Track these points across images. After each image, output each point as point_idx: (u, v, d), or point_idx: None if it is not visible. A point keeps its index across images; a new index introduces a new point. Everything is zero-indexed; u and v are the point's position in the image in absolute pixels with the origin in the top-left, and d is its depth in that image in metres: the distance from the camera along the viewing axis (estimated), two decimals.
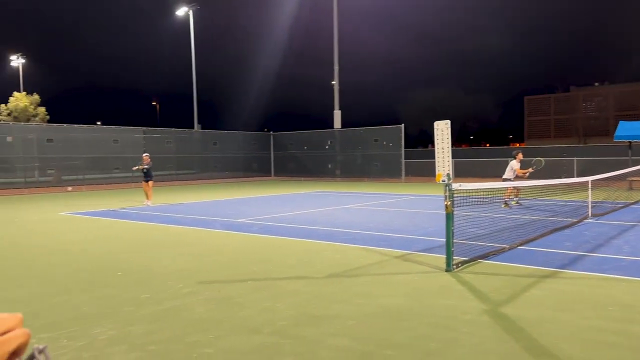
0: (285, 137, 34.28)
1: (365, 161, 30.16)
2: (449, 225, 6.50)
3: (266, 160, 34.14)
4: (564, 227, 9.77)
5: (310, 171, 32.14)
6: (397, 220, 11.58)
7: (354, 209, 14.34)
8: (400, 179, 28.11)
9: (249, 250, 8.21)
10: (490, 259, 7.13)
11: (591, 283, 5.84)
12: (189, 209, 14.87)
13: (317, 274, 6.45)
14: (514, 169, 13.70)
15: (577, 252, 7.50)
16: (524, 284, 5.80)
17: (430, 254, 7.63)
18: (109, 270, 6.89)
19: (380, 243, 8.61)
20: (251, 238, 9.40)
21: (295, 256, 7.58)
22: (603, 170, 15.46)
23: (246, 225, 11.08)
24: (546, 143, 49.30)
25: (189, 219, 12.43)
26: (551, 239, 8.65)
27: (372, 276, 6.33)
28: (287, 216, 12.61)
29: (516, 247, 7.90)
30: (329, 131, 32.03)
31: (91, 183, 25.16)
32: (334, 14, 31.68)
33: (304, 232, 9.90)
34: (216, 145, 31.49)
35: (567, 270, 6.45)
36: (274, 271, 6.63)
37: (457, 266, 6.60)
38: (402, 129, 28.47)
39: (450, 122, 7.24)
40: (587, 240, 8.47)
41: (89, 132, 25.84)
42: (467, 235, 7.79)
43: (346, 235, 9.46)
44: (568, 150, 27.96)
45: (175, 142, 29.35)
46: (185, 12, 37.03)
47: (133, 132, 27.44)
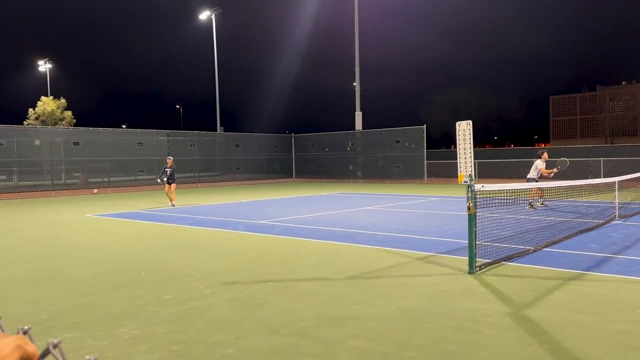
0: (306, 139, 34.36)
1: (387, 163, 30.02)
2: (472, 226, 6.43)
3: (288, 162, 34.28)
4: (590, 228, 9.57)
5: (332, 173, 32.15)
6: (418, 222, 11.50)
7: (375, 210, 14.29)
8: (422, 180, 27.91)
9: (270, 251, 8.25)
10: (514, 261, 7.03)
11: (617, 286, 5.71)
12: (212, 210, 15.02)
13: (337, 275, 6.45)
14: (539, 168, 13.49)
15: (603, 254, 7.34)
16: (548, 286, 5.70)
17: (453, 255, 7.56)
18: (134, 270, 7.00)
19: (401, 244, 8.57)
20: (272, 239, 9.45)
21: (315, 257, 7.60)
22: (631, 170, 15.09)
23: (268, 226, 11.14)
24: (572, 143, 48.36)
25: (212, 220, 12.55)
26: (577, 240, 8.49)
27: (392, 278, 6.30)
28: (308, 217, 12.64)
29: (541, 249, 7.77)
30: (351, 133, 32.00)
31: (116, 185, 25.63)
32: (355, 15, 31.67)
33: (325, 234, 9.91)
34: (238, 147, 31.75)
35: (592, 272, 6.32)
36: (294, 272, 6.66)
37: (480, 268, 6.52)
38: (424, 130, 28.28)
39: (472, 122, 7.16)
40: (614, 242, 8.28)
41: (114, 135, 26.33)
42: (491, 237, 7.70)
43: (367, 237, 9.44)
44: (594, 150, 27.36)
45: (199, 144, 29.70)
46: (207, 16, 37.47)
47: (157, 135, 27.87)
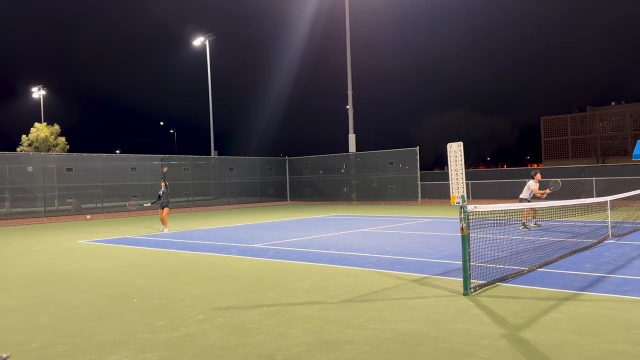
0: (300, 162, 34.46)
1: (381, 184, 30.10)
2: (465, 247, 6.43)
3: (282, 185, 34.29)
4: (584, 248, 9.58)
5: (326, 195, 32.16)
6: (413, 244, 11.48)
7: (370, 232, 14.27)
8: (416, 202, 27.96)
9: (264, 275, 8.20)
10: (509, 281, 7.02)
11: (612, 305, 5.70)
12: (206, 234, 14.94)
13: (332, 298, 6.41)
14: (531, 189, 13.57)
15: (597, 274, 7.34)
16: (543, 307, 5.68)
17: (448, 277, 7.53)
18: (126, 297, 6.93)
19: (396, 266, 8.54)
20: (266, 263, 9.40)
21: (309, 281, 7.55)
22: (622, 189, 15.21)
23: (262, 250, 11.09)
24: (564, 163, 48.73)
25: (206, 244, 12.48)
26: (571, 260, 8.49)
27: (387, 301, 6.26)
28: (302, 240, 12.60)
29: (535, 269, 7.76)
30: (344, 155, 32.13)
31: (110, 211, 25.49)
32: (347, 39, 32.13)
33: (319, 256, 9.87)
34: (232, 170, 31.76)
35: (587, 292, 6.31)
36: (288, 296, 6.61)
37: (475, 289, 6.50)
38: (417, 152, 28.44)
39: (463, 143, 7.22)
40: (608, 262, 8.30)
41: (107, 160, 26.30)
42: (485, 258, 7.69)
43: (361, 259, 9.40)
44: (586, 170, 27.57)
45: (193, 168, 29.69)
46: (202, 42, 37.86)
47: (151, 160, 27.85)
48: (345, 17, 32.11)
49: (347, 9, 32.01)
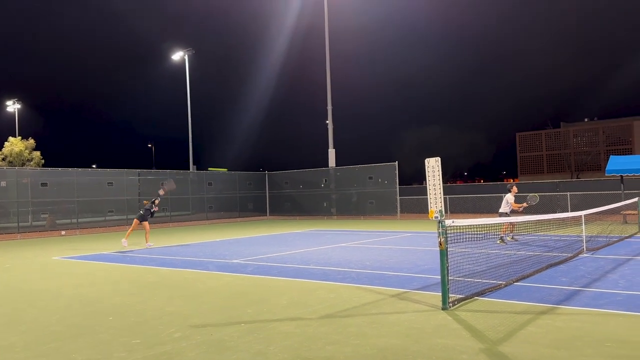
0: (280, 177, 34.40)
1: (361, 199, 30.20)
2: (443, 262, 6.47)
3: (261, 199, 34.13)
4: (559, 262, 9.73)
5: (306, 210, 32.11)
6: (392, 258, 11.51)
7: (350, 247, 14.27)
8: (395, 216, 28.09)
9: (242, 291, 8.11)
10: (487, 295, 7.07)
11: (588, 319, 5.79)
12: (183, 250, 14.75)
13: (311, 314, 6.36)
14: (510, 202, 13.77)
15: (573, 288, 7.45)
16: (520, 321, 5.74)
17: (427, 291, 7.56)
18: (101, 315, 6.78)
19: (375, 281, 8.54)
20: (245, 279, 9.31)
21: (288, 296, 7.50)
22: (596, 204, 15.54)
23: (240, 265, 10.98)
24: (539, 178, 49.65)
25: (183, 260, 12.31)
26: (547, 274, 8.61)
27: (367, 316, 6.25)
28: (281, 256, 12.53)
29: (512, 283, 7.84)
30: (324, 170, 32.20)
31: (85, 227, 25.01)
32: (326, 54, 32.41)
33: (298, 272, 9.82)
34: (211, 185, 31.52)
35: (563, 306, 6.40)
36: (267, 313, 6.54)
37: (453, 304, 6.53)
38: (396, 166, 28.66)
39: (440, 159, 7.30)
40: (583, 275, 8.43)
41: (83, 175, 25.86)
42: (463, 272, 7.75)
43: (341, 274, 9.38)
44: (561, 185, 28.13)
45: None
46: (181, 57, 37.77)
47: (128, 175, 27.48)
48: (324, 33, 32.44)
49: (326, 25, 32.36)
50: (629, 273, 8.55)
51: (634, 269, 8.97)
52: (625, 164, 20.35)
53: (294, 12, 38.79)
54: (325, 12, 32.36)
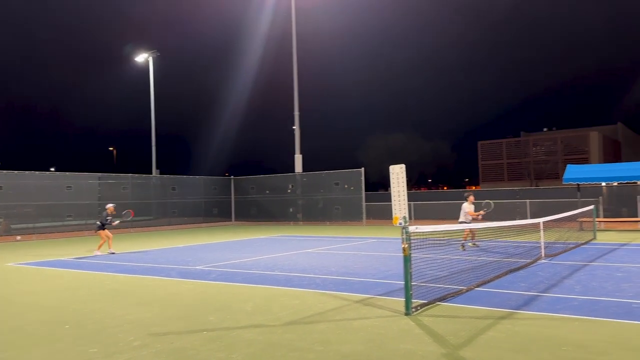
0: (246, 182, 34.12)
1: (327, 205, 30.26)
2: (407, 268, 6.54)
3: (227, 205, 33.75)
4: (519, 268, 9.98)
5: (272, 215, 31.94)
6: (357, 264, 11.56)
7: (315, 253, 14.26)
8: (361, 222, 28.27)
9: (205, 298, 7.98)
10: (449, 301, 7.18)
11: (545, 323, 5.94)
12: (145, 256, 14.43)
13: (275, 321, 6.32)
14: (466, 211, 14.05)
15: (531, 293, 7.65)
16: (481, 326, 5.84)
17: (390, 297, 7.62)
18: (57, 323, 6.54)
19: (340, 287, 8.55)
20: (208, 285, 9.17)
21: (252, 303, 7.42)
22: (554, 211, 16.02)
23: (204, 272, 10.82)
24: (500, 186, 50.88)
25: (145, 267, 12.04)
26: (506, 280, 8.81)
27: (331, 322, 6.24)
28: (246, 262, 12.41)
29: (473, 288, 7.99)
30: (290, 175, 32.13)
31: (42, 232, 24.15)
32: (294, 60, 32.44)
33: (263, 278, 9.74)
34: (175, 190, 30.98)
35: (522, 311, 6.55)
36: (230, 320, 6.46)
37: (416, 309, 6.60)
38: (362, 173, 28.87)
39: (405, 166, 7.40)
40: (541, 281, 8.67)
41: (41, 178, 25.01)
42: (426, 278, 7.84)
43: (305, 280, 9.36)
44: (521, 192, 28.91)
45: (132, 187, 28.73)
46: (145, 59, 37.09)
47: (88, 178, 26.75)
48: (292, 39, 32.48)
49: (293, 33, 32.41)
50: (584, 279, 8.84)
51: (590, 274, 9.29)
52: (582, 173, 21.10)
53: (265, 19, 38.77)
54: (293, 20, 32.42)
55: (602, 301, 7.00)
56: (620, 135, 63.89)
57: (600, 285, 8.20)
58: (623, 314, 6.22)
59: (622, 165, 24.24)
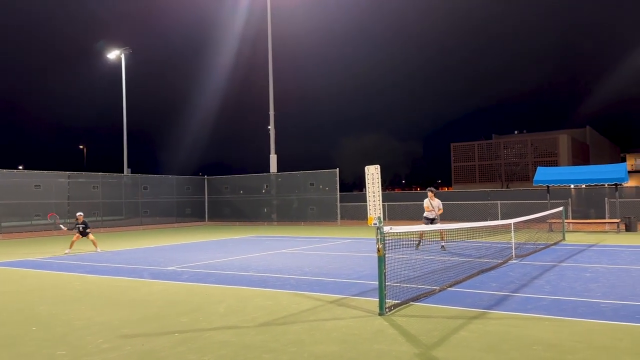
0: (220, 181, 33.81)
1: (302, 205, 30.21)
2: (381, 268, 6.55)
3: (200, 204, 33.37)
4: (490, 268, 10.13)
5: (246, 216, 31.73)
6: (332, 264, 11.56)
7: (289, 253, 14.21)
8: (336, 222, 28.31)
9: (177, 299, 7.86)
10: (422, 301, 7.23)
11: (516, 323, 6.03)
12: (116, 257, 14.14)
13: (248, 322, 6.25)
14: (425, 206, 14.39)
15: (502, 293, 7.76)
16: (453, 325, 5.90)
17: (364, 297, 7.64)
18: (24, 325, 6.34)
19: (314, 288, 8.53)
20: (181, 286, 9.03)
21: (225, 304, 7.34)
22: (524, 212, 16.32)
23: (176, 273, 10.66)
24: (472, 187, 51.67)
25: (115, 268, 11.80)
26: (478, 280, 8.93)
27: (304, 323, 6.21)
28: (219, 262, 12.28)
29: (446, 288, 8.07)
30: (265, 175, 31.98)
31: (9, 231, 23.46)
32: (269, 60, 32.31)
33: (236, 279, 9.65)
34: (147, 189, 30.48)
35: (493, 310, 6.64)
36: (203, 321, 6.37)
37: (390, 309, 6.63)
38: (337, 173, 28.92)
39: (379, 166, 7.42)
40: (512, 281, 8.81)
41: (7, 177, 24.28)
42: (400, 278, 7.88)
43: (279, 281, 9.31)
44: (492, 194, 29.40)
45: (103, 186, 28.15)
46: (117, 56, 36.41)
47: (57, 177, 26.09)
48: (267, 39, 32.33)
49: (269, 31, 32.27)
50: (553, 279, 9.02)
51: (559, 275, 9.48)
52: (551, 175, 21.58)
53: (240, 18, 38.48)
54: (269, 20, 32.28)
55: (571, 301, 7.15)
56: (589, 139, 65.67)
57: (569, 285, 8.37)
58: (591, 314, 6.36)
59: (590, 167, 24.87)
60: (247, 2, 34.87)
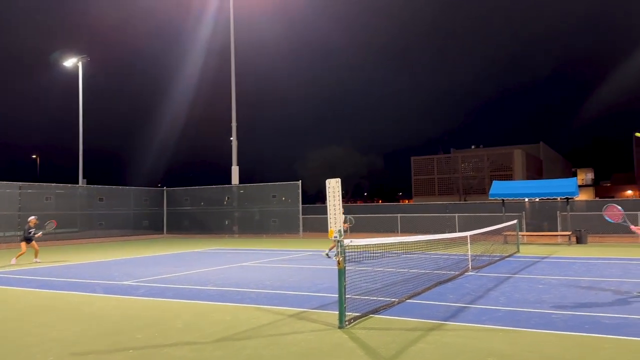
0: (179, 193, 33.20)
1: (264, 217, 30.02)
2: (341, 281, 6.58)
3: (159, 217, 32.63)
4: (448, 280, 10.32)
5: (207, 228, 31.24)
6: (293, 277, 11.51)
7: (250, 266, 14.07)
8: (298, 235, 28.24)
9: (132, 315, 7.65)
10: (381, 313, 7.29)
11: (472, 334, 6.16)
12: (69, 271, 13.65)
13: (206, 338, 6.15)
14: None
15: (459, 304, 7.92)
16: (411, 337, 5.97)
17: (325, 310, 7.63)
18: None
19: (275, 301, 8.47)
20: (136, 302, 8.80)
21: (183, 320, 7.19)
22: (481, 225, 16.74)
23: (132, 287, 10.38)
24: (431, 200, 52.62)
25: (68, 282, 11.39)
26: (436, 291, 9.08)
27: (264, 337, 6.16)
28: (177, 276, 12.03)
29: (405, 300, 8.17)
30: (227, 187, 31.64)
31: None
32: (232, 71, 32.18)
33: (194, 293, 9.48)
34: (102, 201, 29.62)
35: (450, 322, 6.76)
36: (159, 337, 6.22)
37: (350, 322, 6.65)
38: (299, 185, 28.93)
39: (340, 180, 7.48)
40: (468, 293, 9.00)
41: None
42: (360, 290, 7.93)
43: (239, 295, 9.20)
44: (450, 207, 30.03)
45: (56, 198, 27.19)
46: (74, 64, 35.46)
47: (7, 188, 25.04)
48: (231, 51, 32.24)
49: (232, 42, 32.18)
50: (508, 290, 9.26)
51: (513, 286, 9.75)
52: (506, 189, 22.25)
53: (205, 30, 38.29)
54: (232, 32, 32.22)
55: (524, 312, 7.36)
56: (542, 154, 68.15)
57: (522, 296, 8.62)
58: (543, 324, 6.56)
59: (543, 182, 25.82)
60: (211, 14, 34.83)
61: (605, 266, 12.92)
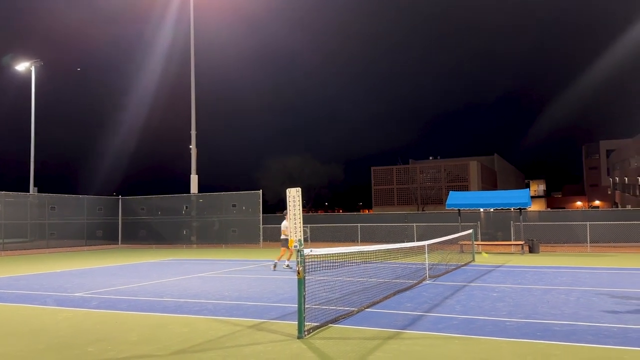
0: (135, 202, 32.37)
1: (223, 227, 29.63)
2: (301, 290, 6.57)
3: (113, 226, 31.68)
4: (405, 288, 10.46)
5: (164, 238, 30.54)
6: (252, 288, 11.40)
7: (208, 277, 13.84)
8: (258, 245, 28.01)
9: (84, 328, 7.39)
10: (340, 322, 7.31)
11: (429, 342, 6.26)
12: (17, 283, 13.06)
13: (161, 351, 6.00)
14: (283, 229, 14.97)
15: (416, 313, 8.03)
16: (369, 346, 6.01)
17: (284, 321, 7.59)
18: None
19: (234, 312, 8.36)
20: (88, 314, 8.50)
21: (137, 332, 7.00)
22: (438, 234, 17.06)
23: (84, 299, 10.03)
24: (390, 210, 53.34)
25: (16, 294, 10.89)
26: (394, 300, 9.18)
27: (221, 349, 6.06)
28: (132, 288, 11.70)
29: (364, 309, 8.22)
30: (185, 196, 31.08)
31: None
32: (192, 78, 31.81)
33: (150, 305, 9.24)
34: (54, 210, 28.55)
35: (408, 330, 6.84)
36: (112, 351, 6.02)
37: (309, 332, 6.63)
38: (260, 195, 28.75)
39: (300, 189, 7.50)
40: (426, 301, 9.14)
41: None
42: (319, 300, 7.93)
43: (197, 306, 9.03)
44: (409, 216, 30.50)
45: (5, 206, 26.03)
46: (26, 68, 34.24)
47: None
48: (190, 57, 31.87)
49: (192, 49, 31.84)
50: (464, 298, 9.46)
51: (468, 294, 9.97)
52: (462, 199, 22.79)
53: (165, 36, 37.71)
54: (192, 39, 31.89)
55: (479, 320, 7.53)
56: (496, 165, 70.28)
57: (477, 304, 8.82)
58: (498, 332, 6.73)
59: (497, 193, 26.60)
60: (171, 21, 34.35)
61: (555, 274, 13.39)
